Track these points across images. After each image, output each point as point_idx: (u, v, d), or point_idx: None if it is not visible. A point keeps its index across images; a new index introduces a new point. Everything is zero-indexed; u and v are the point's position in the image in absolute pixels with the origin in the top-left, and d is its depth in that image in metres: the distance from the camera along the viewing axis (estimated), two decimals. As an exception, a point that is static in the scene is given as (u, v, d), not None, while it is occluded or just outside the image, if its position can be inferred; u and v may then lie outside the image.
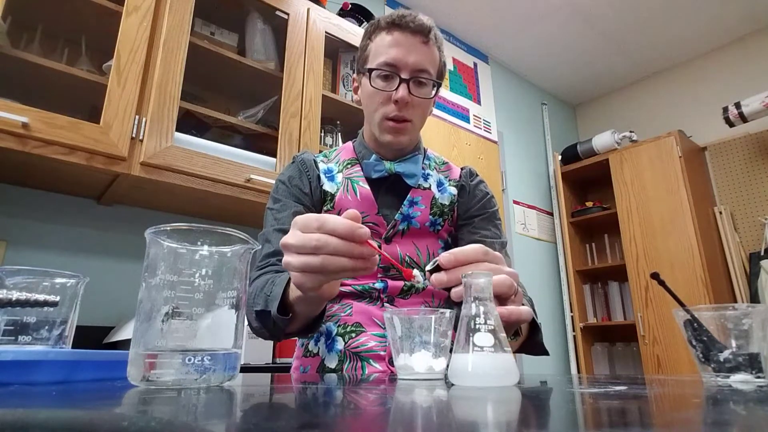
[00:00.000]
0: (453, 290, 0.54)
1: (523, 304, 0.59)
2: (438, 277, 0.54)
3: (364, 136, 0.94)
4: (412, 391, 0.41)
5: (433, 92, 0.87)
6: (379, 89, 0.83)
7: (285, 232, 0.81)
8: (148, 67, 1.45)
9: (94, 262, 1.60)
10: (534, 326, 0.72)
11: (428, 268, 0.56)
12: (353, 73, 2.07)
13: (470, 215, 0.93)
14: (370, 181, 0.88)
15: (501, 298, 0.55)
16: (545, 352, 0.73)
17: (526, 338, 0.72)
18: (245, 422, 0.26)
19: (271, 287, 0.69)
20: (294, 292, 0.62)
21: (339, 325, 0.82)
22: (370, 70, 0.84)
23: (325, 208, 0.87)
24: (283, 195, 0.87)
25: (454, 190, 0.93)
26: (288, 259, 0.53)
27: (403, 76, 0.82)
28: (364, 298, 0.83)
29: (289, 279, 0.65)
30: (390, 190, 0.89)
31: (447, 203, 0.91)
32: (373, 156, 0.89)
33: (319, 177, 0.89)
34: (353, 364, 0.79)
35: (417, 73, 0.83)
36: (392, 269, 0.84)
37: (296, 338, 0.93)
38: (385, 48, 0.83)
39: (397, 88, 0.82)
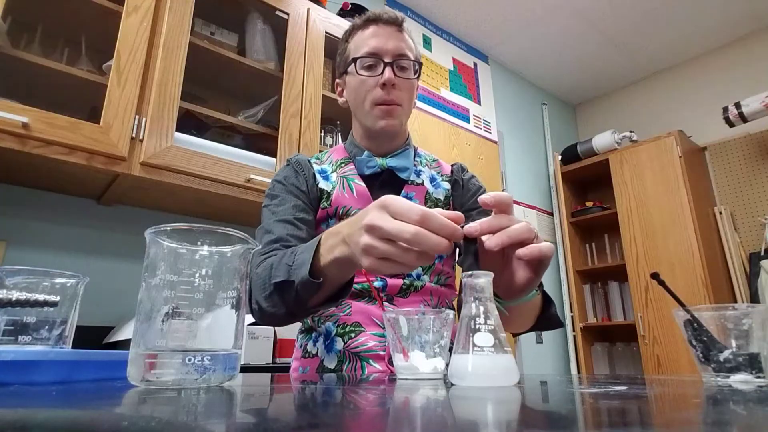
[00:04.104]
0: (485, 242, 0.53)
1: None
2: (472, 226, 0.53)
3: (354, 136, 0.97)
4: (411, 391, 0.41)
5: (415, 76, 0.91)
6: (365, 76, 0.88)
7: (287, 222, 0.82)
8: (148, 67, 1.45)
9: (94, 262, 1.60)
10: (545, 300, 0.73)
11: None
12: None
13: (467, 209, 0.95)
14: (364, 178, 0.90)
15: (524, 244, 0.55)
16: (561, 323, 0.75)
17: (539, 312, 0.73)
18: (245, 422, 0.26)
19: (293, 257, 0.67)
20: (329, 256, 0.61)
21: (338, 325, 0.82)
22: (355, 59, 0.88)
23: (321, 206, 0.88)
24: (280, 191, 0.88)
25: (447, 185, 0.95)
26: (372, 242, 0.51)
27: (387, 60, 0.87)
28: (362, 297, 0.83)
29: (318, 243, 0.64)
30: (384, 186, 0.90)
31: (442, 198, 0.93)
32: (365, 153, 0.91)
33: (314, 176, 0.90)
34: (352, 365, 0.79)
35: (398, 57, 0.87)
36: None
37: (298, 338, 0.93)
38: (364, 41, 0.89)
39: (382, 72, 0.86)
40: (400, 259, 0.50)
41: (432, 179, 0.95)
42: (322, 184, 0.89)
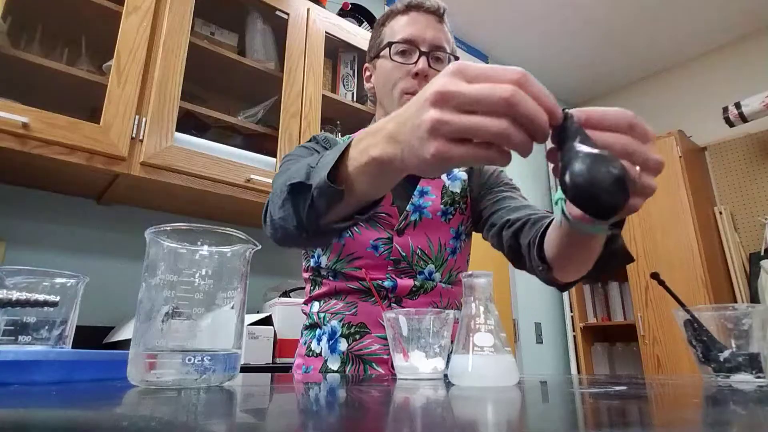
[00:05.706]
0: None
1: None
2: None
3: (376, 121, 0.95)
4: (411, 391, 0.41)
5: None
6: (399, 63, 0.84)
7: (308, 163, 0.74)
8: (148, 67, 1.45)
9: (94, 262, 1.59)
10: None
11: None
12: (353, 74, 2.09)
13: (488, 186, 0.91)
14: None
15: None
16: (630, 257, 0.63)
17: (602, 246, 0.59)
18: (245, 422, 0.26)
19: (318, 159, 0.56)
20: (362, 158, 0.47)
21: (343, 325, 0.81)
22: (390, 44, 0.85)
23: None
24: (302, 153, 0.84)
25: (463, 175, 0.93)
26: (444, 116, 0.36)
27: (423, 49, 0.83)
28: (371, 296, 0.81)
29: (348, 146, 0.50)
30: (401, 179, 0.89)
31: (458, 191, 0.91)
32: None
33: None
34: (356, 367, 0.79)
35: (435, 48, 0.85)
36: (402, 262, 0.82)
37: (302, 334, 0.91)
38: (402, 27, 0.86)
39: (416, 62, 0.83)
40: (491, 128, 0.35)
41: (449, 172, 0.93)
42: None
